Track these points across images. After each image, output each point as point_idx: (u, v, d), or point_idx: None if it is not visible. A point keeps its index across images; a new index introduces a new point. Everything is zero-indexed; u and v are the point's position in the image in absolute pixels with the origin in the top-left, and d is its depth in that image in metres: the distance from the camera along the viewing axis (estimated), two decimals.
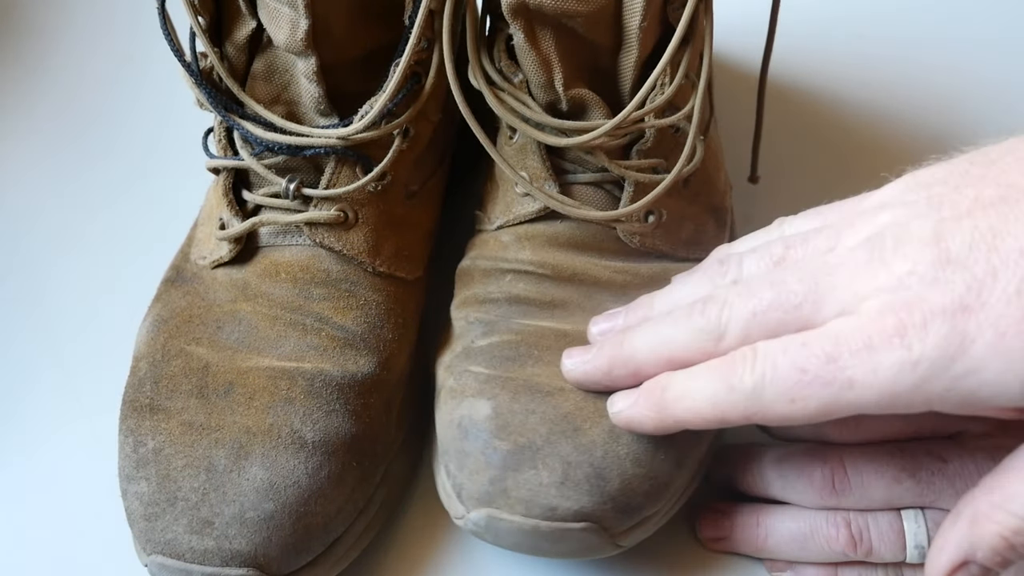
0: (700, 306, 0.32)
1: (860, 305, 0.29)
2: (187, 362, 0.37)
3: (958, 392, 0.28)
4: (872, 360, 0.28)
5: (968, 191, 0.29)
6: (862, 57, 0.56)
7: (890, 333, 0.28)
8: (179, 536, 0.33)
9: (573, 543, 0.34)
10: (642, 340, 0.34)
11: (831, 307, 0.30)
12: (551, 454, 0.34)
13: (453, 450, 0.35)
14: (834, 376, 0.28)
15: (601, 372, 0.35)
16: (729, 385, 0.30)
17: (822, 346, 0.29)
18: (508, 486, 0.33)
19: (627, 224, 0.38)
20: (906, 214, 0.30)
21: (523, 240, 0.39)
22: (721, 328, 0.32)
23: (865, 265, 0.29)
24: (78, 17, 0.59)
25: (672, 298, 0.35)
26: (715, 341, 0.32)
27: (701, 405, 0.31)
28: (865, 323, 0.28)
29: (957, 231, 0.28)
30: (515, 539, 0.34)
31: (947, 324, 0.27)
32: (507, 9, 0.35)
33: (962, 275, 0.27)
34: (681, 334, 0.33)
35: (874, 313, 0.28)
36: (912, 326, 0.28)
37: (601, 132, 0.36)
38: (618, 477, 0.34)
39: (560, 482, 0.33)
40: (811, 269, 0.30)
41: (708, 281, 0.35)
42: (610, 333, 0.36)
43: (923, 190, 0.30)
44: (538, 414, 0.35)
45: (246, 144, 0.38)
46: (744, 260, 0.34)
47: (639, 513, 0.34)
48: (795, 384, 0.29)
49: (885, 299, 0.28)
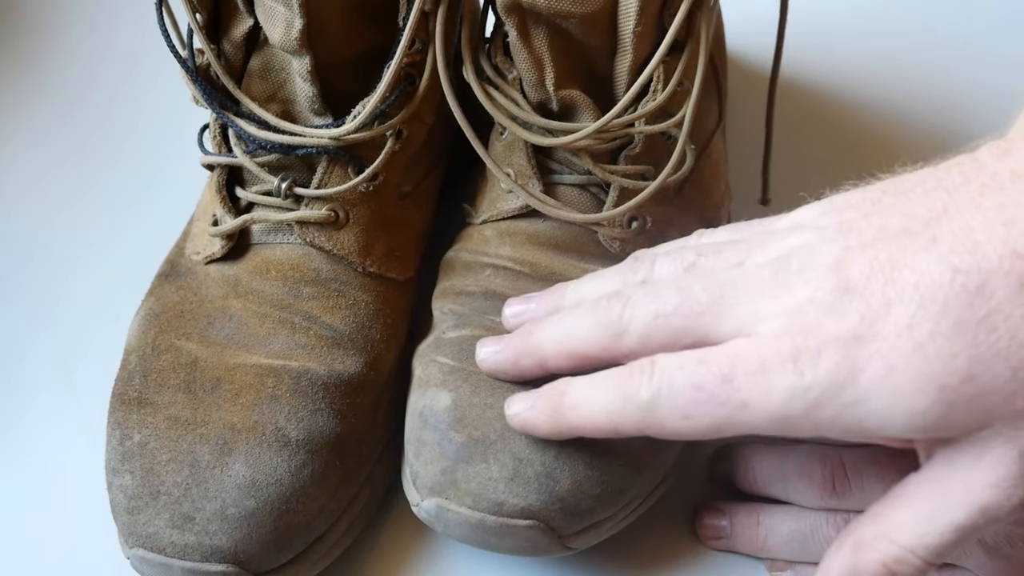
0: (605, 302, 0.33)
1: (759, 326, 0.29)
2: (176, 357, 0.37)
3: (845, 420, 0.28)
4: (766, 383, 0.28)
5: (875, 219, 0.29)
6: (876, 68, 0.55)
7: (784, 357, 0.28)
8: (160, 530, 0.33)
9: (519, 540, 0.34)
10: (547, 332, 0.34)
11: (731, 323, 0.30)
12: (503, 449, 0.34)
13: (413, 438, 0.36)
14: (728, 396, 0.29)
15: (509, 363, 0.35)
16: (625, 396, 0.31)
17: (719, 365, 0.29)
18: (458, 478, 0.34)
19: (608, 229, 0.38)
20: (815, 238, 0.30)
21: (504, 236, 0.39)
22: (623, 325, 0.32)
23: (769, 285, 0.29)
24: (77, 16, 0.59)
25: (583, 289, 0.36)
26: (615, 338, 0.32)
27: (596, 414, 0.32)
28: (761, 345, 0.29)
29: (859, 260, 0.28)
30: (463, 531, 0.34)
31: (840, 352, 0.27)
32: (501, 6, 0.36)
33: (858, 305, 0.28)
34: (584, 328, 0.33)
35: (771, 336, 0.29)
36: (806, 352, 0.28)
37: (585, 134, 0.36)
38: (569, 478, 0.34)
39: (509, 478, 0.33)
40: (718, 281, 0.31)
41: (620, 277, 0.35)
42: (521, 316, 0.36)
43: (836, 215, 0.30)
44: (496, 409, 0.35)
45: (240, 141, 0.38)
46: (656, 262, 0.34)
47: (589, 517, 0.34)
48: (689, 401, 0.29)
49: (783, 322, 0.29)
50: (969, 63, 0.55)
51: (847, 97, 0.54)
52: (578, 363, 0.33)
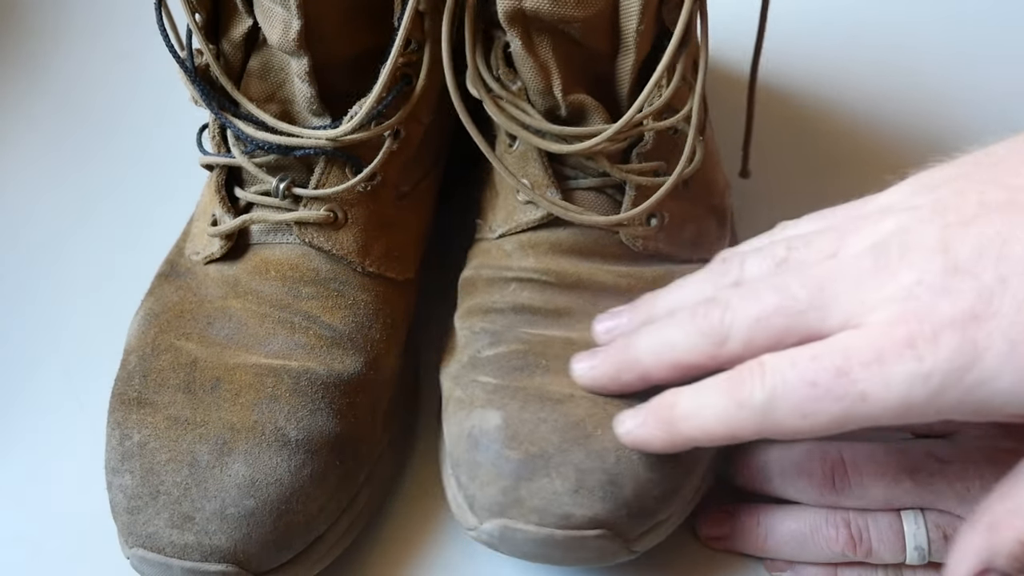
0: (703, 308, 0.32)
1: (868, 316, 0.28)
2: (176, 357, 0.37)
3: (971, 402, 0.27)
4: (884, 373, 0.28)
5: (972, 195, 0.28)
6: (853, 56, 0.56)
7: (900, 345, 0.27)
8: (160, 530, 0.33)
9: (588, 551, 0.34)
10: (646, 344, 0.34)
11: (837, 316, 0.29)
12: (564, 462, 0.33)
13: (464, 461, 0.35)
14: (846, 390, 0.28)
15: (608, 378, 0.35)
16: (738, 402, 0.30)
17: (832, 359, 0.28)
18: (522, 495, 0.33)
19: (630, 228, 0.38)
20: (911, 220, 0.29)
21: (526, 248, 0.39)
22: (724, 332, 0.31)
23: (871, 273, 0.29)
24: (77, 16, 0.59)
25: (674, 297, 0.35)
26: (717, 345, 0.31)
27: (710, 423, 0.31)
28: (874, 335, 0.28)
29: (964, 238, 0.28)
30: (530, 548, 0.34)
31: (958, 335, 0.27)
32: (504, 16, 0.35)
33: (970, 283, 0.27)
34: (684, 337, 0.32)
35: (883, 324, 0.28)
36: (922, 337, 0.27)
37: (604, 138, 0.36)
38: (632, 483, 0.33)
39: (574, 490, 0.33)
40: (814, 274, 0.30)
41: (710, 281, 0.34)
42: (614, 332, 0.36)
43: (928, 193, 0.30)
44: (549, 422, 0.34)
45: (238, 142, 0.38)
46: (746, 260, 0.33)
47: (653, 518, 0.34)
48: (806, 399, 0.29)
49: (894, 309, 0.28)
50: (948, 61, 0.56)
51: (823, 92, 0.55)
52: (681, 373, 0.33)
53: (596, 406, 0.35)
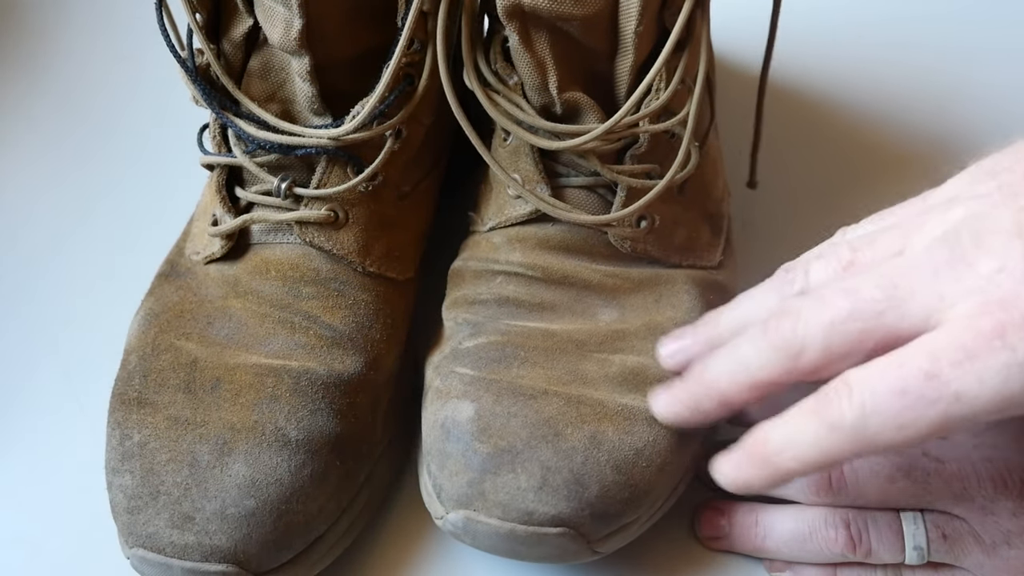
0: (773, 322, 0.31)
1: (949, 311, 0.27)
2: (176, 357, 0.37)
3: None
4: (975, 369, 0.26)
5: None
6: (863, 60, 0.56)
7: (989, 336, 0.26)
8: (160, 530, 0.33)
9: (550, 548, 0.34)
10: (719, 368, 0.32)
11: (915, 314, 0.28)
12: (531, 458, 0.34)
13: (435, 451, 0.35)
14: (939, 393, 0.27)
15: (689, 411, 0.34)
16: (830, 425, 0.28)
17: (918, 363, 0.27)
18: (486, 489, 0.33)
19: (618, 229, 0.38)
20: (980, 206, 0.28)
21: (514, 242, 0.39)
22: (799, 343, 0.30)
23: (946, 266, 0.28)
24: (77, 16, 0.59)
25: (738, 313, 0.34)
26: (794, 358, 0.30)
27: (806, 452, 0.29)
28: (959, 330, 0.27)
29: None
30: (491, 542, 0.34)
31: None
32: (502, 11, 0.35)
33: None
34: (757, 355, 0.31)
35: (967, 318, 0.27)
36: (1012, 325, 0.26)
37: (594, 136, 0.36)
38: (597, 484, 0.34)
39: (538, 487, 0.33)
40: (885, 274, 0.29)
41: (775, 292, 0.33)
42: (679, 355, 0.35)
43: (991, 179, 0.29)
44: (520, 417, 0.34)
45: (239, 141, 0.38)
46: (810, 267, 0.32)
47: (617, 520, 0.34)
48: (899, 409, 0.27)
49: (976, 301, 0.27)
50: (953, 61, 0.56)
51: (832, 98, 0.54)
52: (761, 392, 0.32)
53: (568, 404, 0.35)
